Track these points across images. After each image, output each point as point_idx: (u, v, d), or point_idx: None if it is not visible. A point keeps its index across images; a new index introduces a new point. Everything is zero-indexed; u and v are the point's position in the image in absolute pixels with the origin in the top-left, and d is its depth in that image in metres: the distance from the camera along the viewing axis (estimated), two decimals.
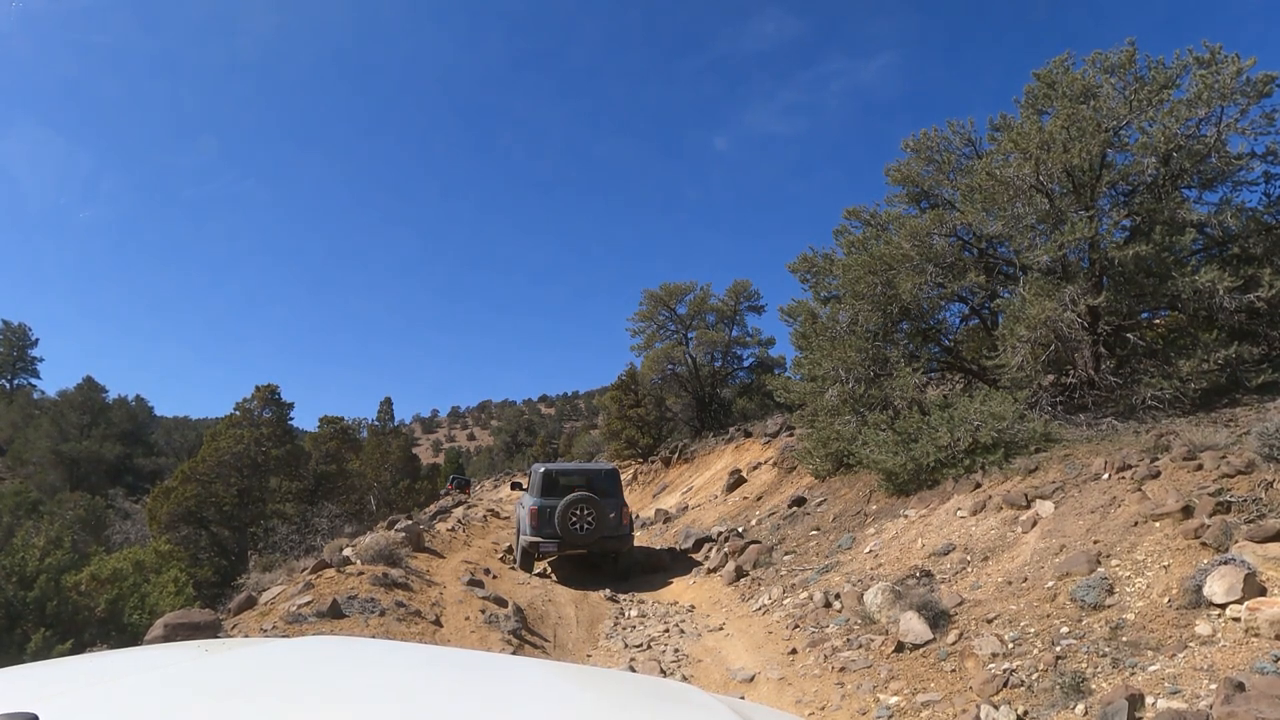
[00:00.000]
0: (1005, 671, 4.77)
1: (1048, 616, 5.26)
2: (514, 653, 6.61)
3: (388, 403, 35.71)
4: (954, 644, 5.46)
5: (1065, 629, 4.97)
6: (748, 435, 22.96)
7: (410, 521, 10.13)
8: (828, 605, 7.38)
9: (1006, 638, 5.15)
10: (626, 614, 9.09)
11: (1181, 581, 4.83)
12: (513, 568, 11.11)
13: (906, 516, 9.20)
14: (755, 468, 18.75)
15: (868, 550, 8.71)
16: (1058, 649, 4.78)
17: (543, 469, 11.71)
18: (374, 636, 5.95)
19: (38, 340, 58.87)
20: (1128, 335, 10.38)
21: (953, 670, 5.17)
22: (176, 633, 5.06)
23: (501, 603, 7.88)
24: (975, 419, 9.39)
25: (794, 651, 6.49)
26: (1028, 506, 7.63)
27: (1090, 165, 10.42)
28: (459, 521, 16.48)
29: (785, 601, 8.07)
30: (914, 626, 5.78)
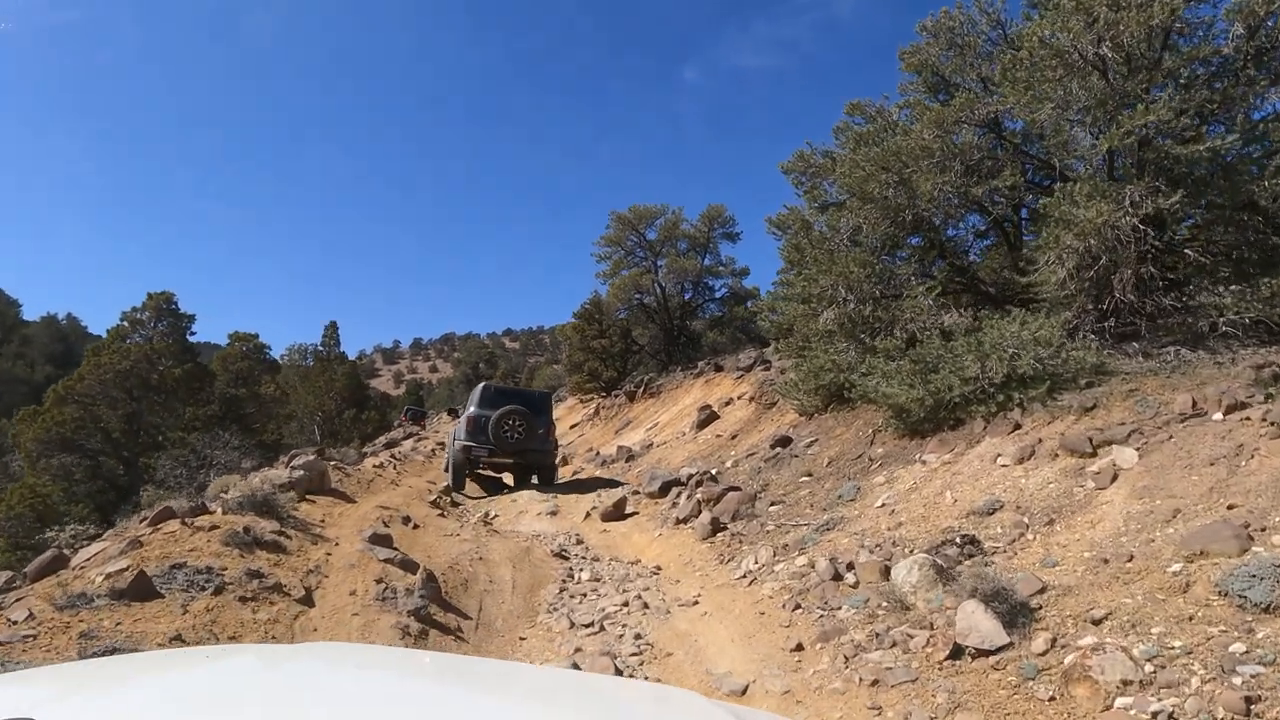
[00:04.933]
0: (1155, 717, 3.03)
1: (1191, 620, 3.53)
2: (414, 642, 4.78)
3: (333, 327, 33.04)
4: (1045, 655, 3.72)
5: (1239, 646, 3.23)
6: (718, 370, 21.33)
7: (311, 457, 8.17)
8: (837, 578, 5.64)
9: (1137, 653, 3.40)
10: (576, 576, 7.32)
11: None
12: (442, 515, 9.24)
13: (925, 463, 7.48)
14: (727, 403, 17.05)
15: (879, 504, 6.99)
16: (1238, 680, 3.04)
17: (482, 384, 13.02)
18: (194, 625, 4.03)
19: None
20: (1186, 250, 8.64)
21: (1052, 699, 3.43)
22: None
23: (409, 566, 6.00)
24: (1011, 345, 7.63)
25: (799, 647, 4.74)
26: (1094, 454, 5.93)
27: (1150, 41, 8.50)
28: (393, 456, 14.57)
29: (778, 568, 6.33)
30: (979, 623, 4.03)
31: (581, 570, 7.50)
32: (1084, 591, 4.09)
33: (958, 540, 5.46)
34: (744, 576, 6.53)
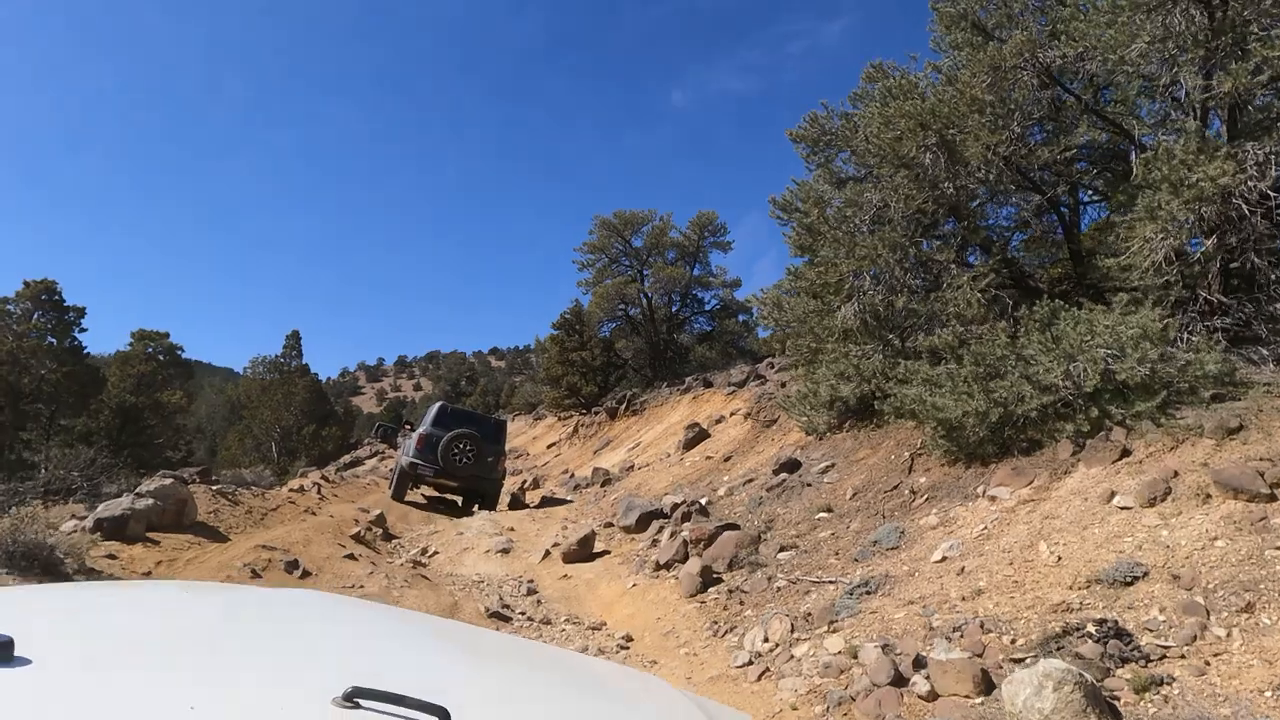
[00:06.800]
0: None
1: None
2: None
3: (295, 336, 30.72)
4: None
5: None
6: (708, 385, 19.44)
7: (169, 481, 6.11)
8: (899, 681, 3.64)
9: None
10: None
11: None
12: (352, 556, 7.15)
13: (994, 499, 5.52)
14: (718, 421, 15.09)
15: (937, 557, 5.01)
16: None
17: (439, 404, 12.79)
18: None
19: None
20: None
21: None
22: None
23: None
24: (1103, 344, 5.71)
25: None
26: (1272, 496, 4.00)
27: None
28: (325, 478, 12.48)
29: (799, 652, 4.33)
30: None
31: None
32: None
33: (1091, 630, 3.49)
34: (750, 663, 4.53)
